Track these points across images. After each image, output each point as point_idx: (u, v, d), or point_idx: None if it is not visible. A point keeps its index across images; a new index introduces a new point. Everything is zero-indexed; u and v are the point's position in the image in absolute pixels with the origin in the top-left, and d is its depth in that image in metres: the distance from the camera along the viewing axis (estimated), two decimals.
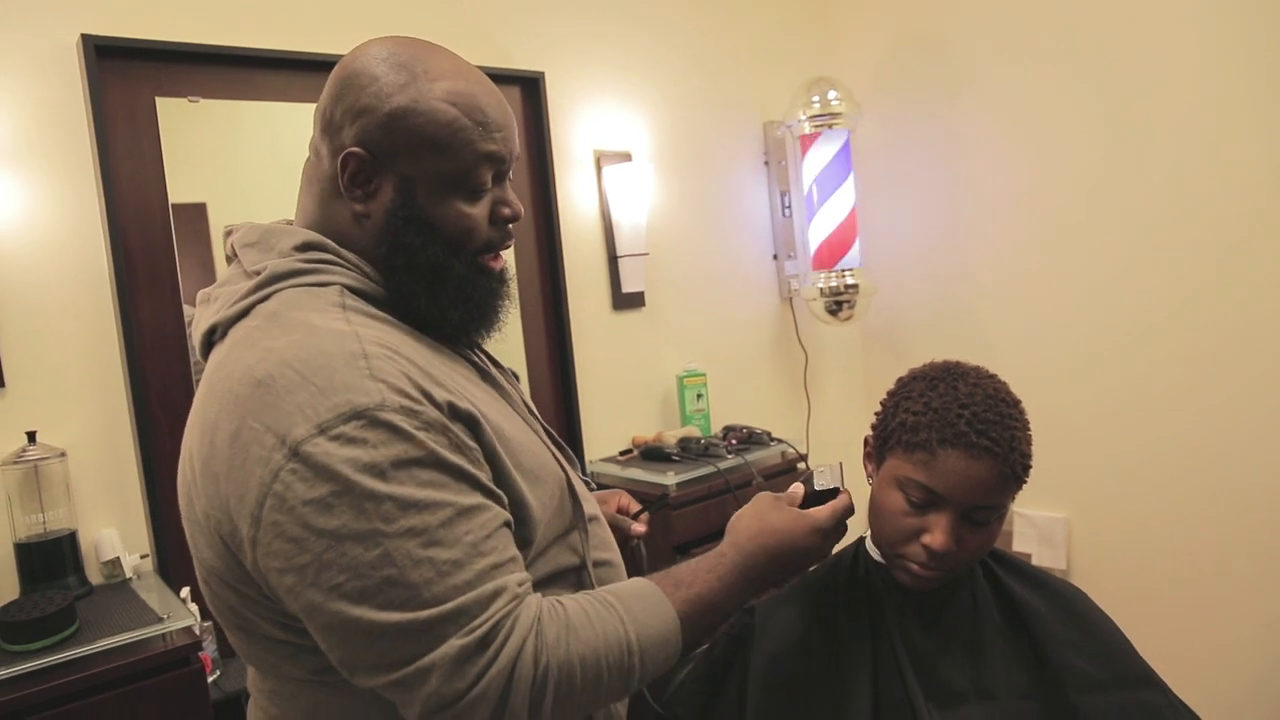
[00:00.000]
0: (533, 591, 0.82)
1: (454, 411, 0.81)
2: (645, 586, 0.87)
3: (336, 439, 0.73)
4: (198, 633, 1.46)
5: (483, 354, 1.01)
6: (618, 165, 2.44)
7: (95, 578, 1.68)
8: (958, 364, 1.00)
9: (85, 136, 1.72)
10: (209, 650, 1.67)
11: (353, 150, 0.86)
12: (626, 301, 2.50)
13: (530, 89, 2.30)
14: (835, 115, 2.62)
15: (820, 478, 0.99)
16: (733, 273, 2.77)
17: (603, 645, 0.80)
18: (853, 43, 2.96)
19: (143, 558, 1.73)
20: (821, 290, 2.67)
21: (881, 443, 1.00)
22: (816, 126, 2.64)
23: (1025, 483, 0.94)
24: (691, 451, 2.27)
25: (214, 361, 0.85)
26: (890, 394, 1.02)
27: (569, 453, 1.02)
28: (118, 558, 1.68)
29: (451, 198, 0.88)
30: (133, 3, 1.77)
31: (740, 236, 2.79)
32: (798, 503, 0.97)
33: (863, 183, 2.80)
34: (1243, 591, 2.23)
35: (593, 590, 0.87)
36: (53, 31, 1.68)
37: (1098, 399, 2.46)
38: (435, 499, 0.76)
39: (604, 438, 2.44)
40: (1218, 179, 2.18)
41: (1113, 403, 2.43)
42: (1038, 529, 2.59)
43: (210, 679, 1.64)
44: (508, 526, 0.83)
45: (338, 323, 0.81)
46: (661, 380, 2.58)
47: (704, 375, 2.55)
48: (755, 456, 2.31)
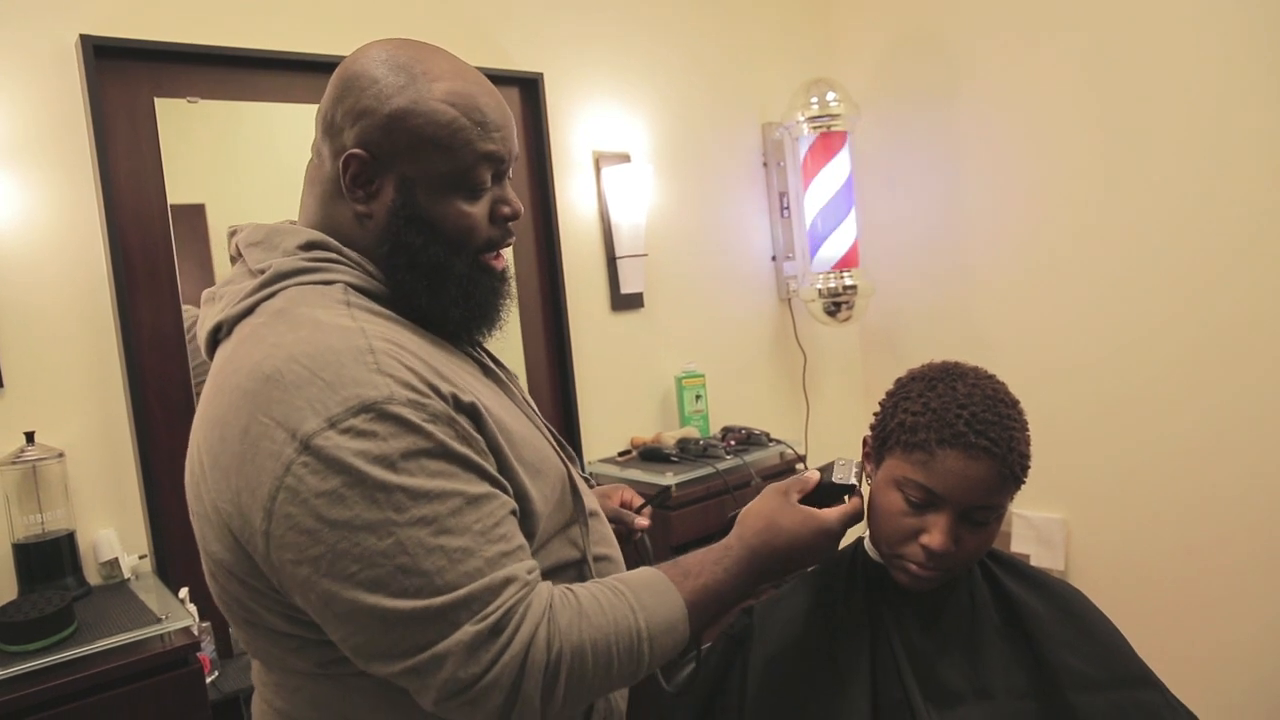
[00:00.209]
0: (542, 579, 0.84)
1: (458, 404, 0.82)
2: (654, 575, 0.89)
3: (346, 432, 0.75)
4: (196, 633, 1.46)
5: (483, 351, 1.02)
6: (616, 166, 2.45)
7: (93, 578, 1.68)
8: (956, 364, 1.00)
9: (84, 137, 1.72)
10: (207, 651, 1.67)
11: (354, 152, 0.87)
12: (625, 302, 2.50)
13: (529, 90, 2.31)
14: (834, 116, 2.62)
15: (840, 470, 1.00)
16: (731, 274, 2.77)
17: (613, 631, 0.82)
18: (851, 44, 2.96)
19: (141, 558, 1.73)
20: (820, 291, 2.67)
21: (880, 443, 1.00)
22: (815, 128, 2.64)
23: (1024, 483, 0.95)
24: (690, 452, 2.27)
25: (221, 358, 0.86)
26: (889, 394, 1.02)
27: (569, 449, 1.03)
28: (116, 558, 1.68)
29: (452, 197, 0.89)
30: (132, 3, 1.77)
31: (739, 237, 2.79)
32: (810, 488, 0.99)
33: (861, 183, 2.80)
34: (1241, 592, 2.23)
35: (603, 579, 0.89)
36: (51, 32, 1.68)
37: (1096, 399, 2.46)
38: (445, 488, 0.77)
39: (603, 439, 2.44)
40: (1218, 179, 2.18)
41: (1111, 403, 2.43)
42: (1036, 530, 2.59)
43: (209, 679, 1.63)
44: (514, 515, 0.84)
45: (343, 319, 0.82)
46: (660, 381, 2.58)
47: (703, 376, 2.55)
48: (754, 457, 2.31)
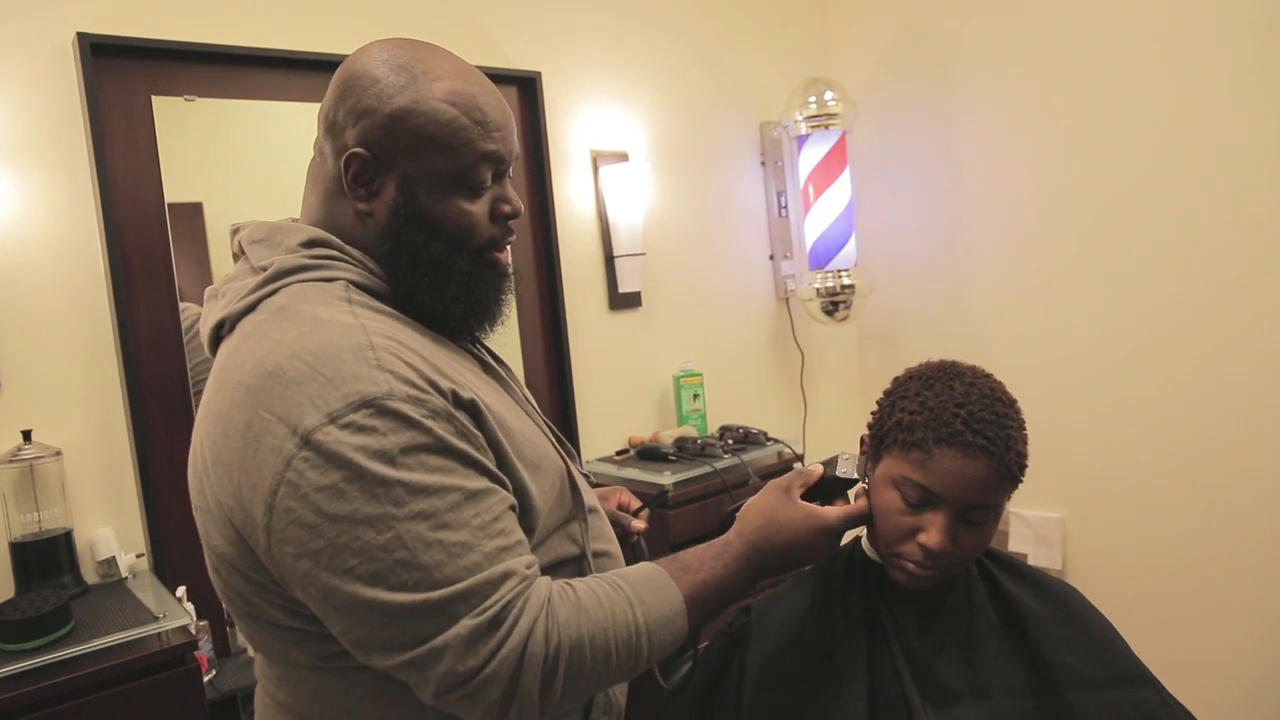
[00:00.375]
0: (541, 574, 0.84)
1: (458, 400, 0.83)
2: (653, 570, 0.90)
3: (347, 427, 0.75)
4: (193, 632, 1.46)
5: (484, 348, 1.03)
6: (614, 165, 2.44)
7: (91, 577, 1.68)
8: (954, 363, 1.00)
9: (81, 135, 1.71)
10: (204, 649, 1.67)
11: (355, 151, 0.88)
12: (623, 301, 2.50)
13: (527, 89, 2.30)
14: (831, 115, 2.63)
15: (843, 465, 1.00)
16: (729, 273, 2.77)
17: (611, 626, 0.82)
18: (849, 43, 2.96)
19: (138, 557, 1.73)
20: (818, 290, 2.67)
21: (877, 442, 1.00)
22: (813, 127, 2.64)
23: (1021, 482, 0.95)
24: (688, 451, 2.27)
25: (223, 355, 0.87)
26: (886, 393, 1.02)
27: (568, 446, 1.04)
28: (113, 557, 1.67)
29: (452, 196, 0.90)
30: (129, 1, 1.76)
31: (737, 237, 2.79)
32: (813, 482, 0.99)
33: (859, 183, 2.81)
34: (1238, 591, 2.24)
35: (601, 574, 0.89)
36: (48, 30, 1.68)
37: (1094, 399, 2.46)
38: (443, 484, 0.78)
39: (600, 438, 2.44)
40: (1219, 177, 2.18)
41: (1109, 403, 2.43)
42: (1033, 529, 2.60)
43: (206, 678, 1.63)
44: (513, 511, 0.85)
45: (344, 316, 0.83)
46: (658, 380, 2.58)
47: (700, 375, 2.55)
48: (752, 456, 2.31)
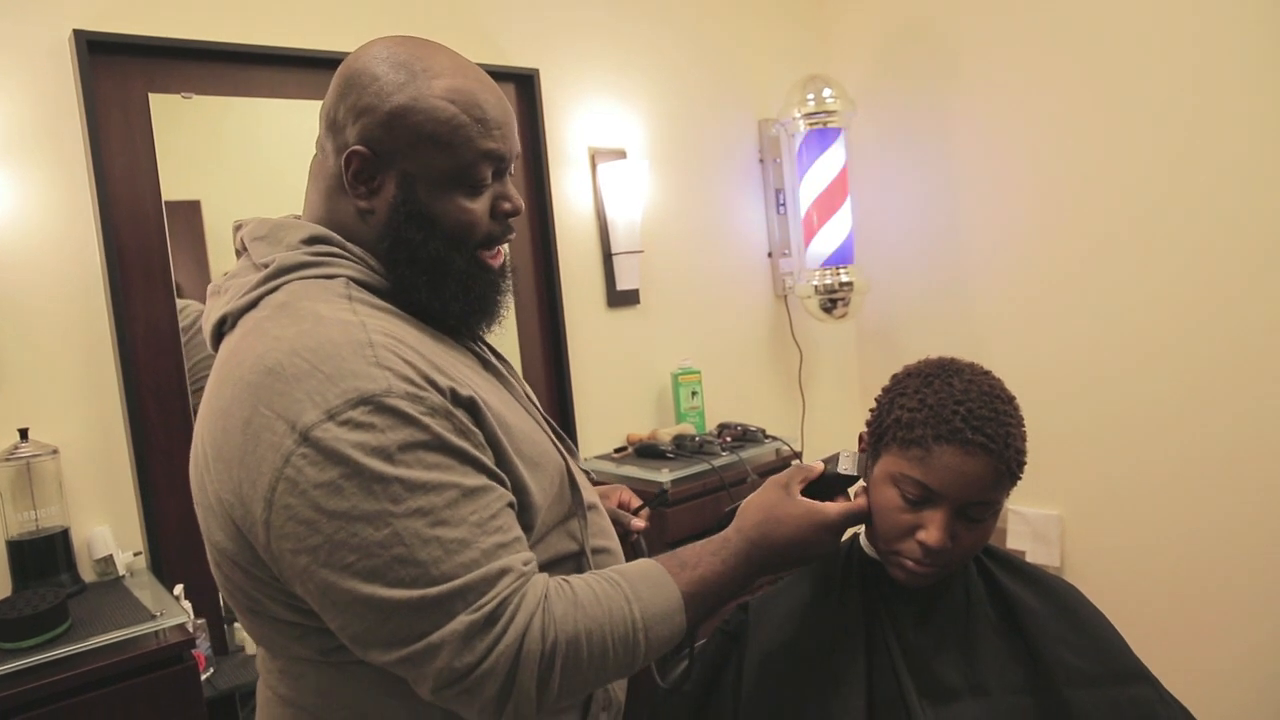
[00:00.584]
0: (539, 571, 0.84)
1: (456, 397, 0.83)
2: (651, 566, 0.90)
3: (345, 424, 0.76)
4: (191, 630, 1.45)
5: (484, 345, 1.03)
6: (612, 163, 2.44)
7: (88, 575, 1.68)
8: (952, 361, 1.00)
9: (78, 132, 1.71)
10: (202, 648, 1.67)
11: (356, 148, 0.88)
12: (621, 299, 2.50)
13: (525, 86, 2.30)
14: (830, 113, 2.62)
15: (844, 461, 1.00)
16: (727, 270, 2.77)
17: (608, 622, 0.82)
18: (847, 40, 2.96)
19: (136, 555, 1.72)
20: (816, 288, 2.67)
21: (876, 439, 1.00)
22: (811, 124, 2.64)
23: (1020, 479, 0.95)
24: (686, 449, 2.27)
25: (225, 351, 0.87)
26: (885, 391, 1.02)
27: (569, 442, 1.04)
28: (111, 555, 1.67)
29: (452, 193, 0.90)
30: None
31: (735, 234, 2.79)
32: (813, 478, 0.99)
33: (857, 180, 2.80)
34: (1237, 588, 2.24)
35: (599, 570, 0.89)
36: (45, 27, 1.68)
37: (1093, 397, 2.46)
38: (441, 480, 0.78)
39: (599, 435, 2.44)
40: (1217, 177, 2.18)
41: (1108, 400, 2.43)
42: (1032, 526, 2.60)
43: (203, 676, 1.63)
44: (511, 508, 0.85)
45: (344, 313, 0.83)
46: (656, 378, 2.58)
47: (699, 373, 2.55)
48: (750, 454, 2.31)
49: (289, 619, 0.85)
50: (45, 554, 1.59)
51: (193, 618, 1.63)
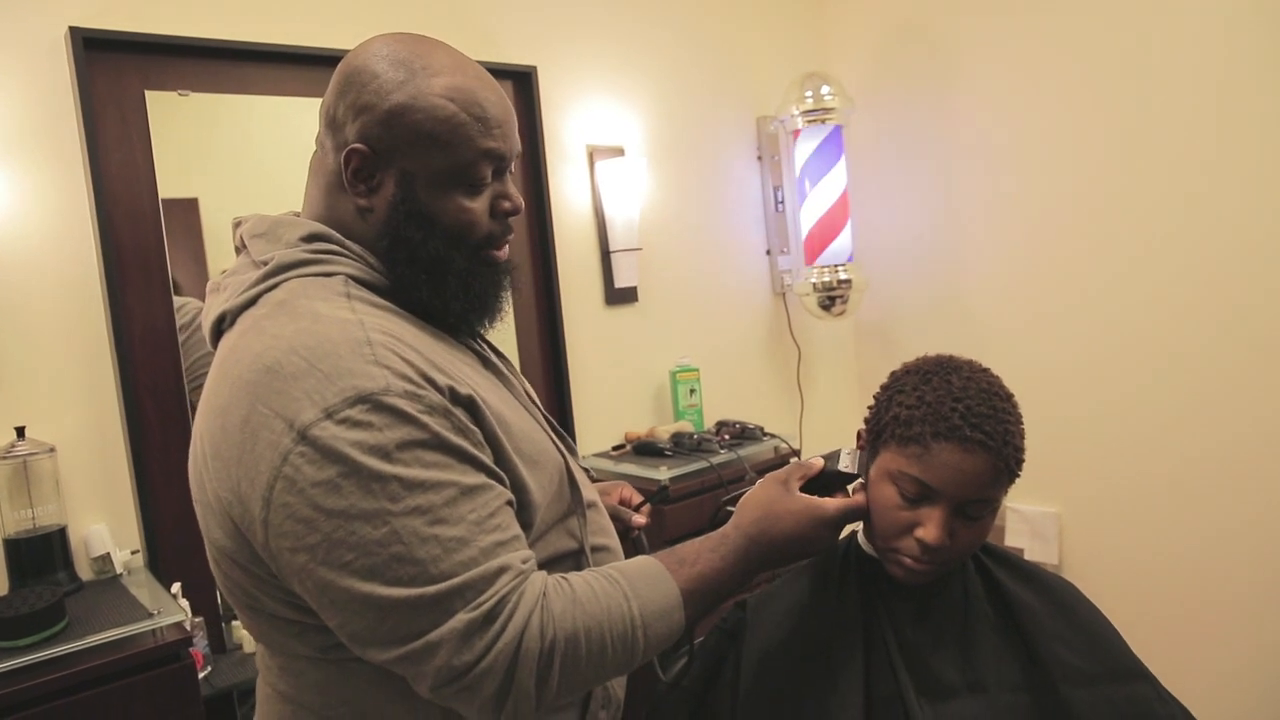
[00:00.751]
0: (537, 569, 0.84)
1: (455, 396, 0.83)
2: (649, 563, 0.89)
3: (343, 423, 0.76)
4: (188, 629, 1.45)
5: (484, 343, 1.03)
6: (610, 160, 2.44)
7: (85, 574, 1.67)
8: (951, 358, 1.00)
9: (74, 130, 1.70)
10: (200, 646, 1.67)
11: (355, 146, 0.88)
12: (619, 297, 2.50)
13: (522, 83, 2.30)
14: (828, 110, 2.62)
15: (844, 458, 1.00)
16: (726, 268, 2.76)
17: (607, 619, 0.82)
18: (846, 36, 2.96)
19: (133, 553, 1.72)
20: (814, 285, 2.67)
21: (875, 437, 1.00)
22: (809, 121, 2.64)
23: (1018, 477, 0.94)
24: (684, 447, 2.27)
25: (224, 348, 0.87)
26: (883, 388, 1.01)
27: (568, 440, 1.04)
28: (108, 553, 1.67)
29: (452, 192, 0.90)
30: None
31: (733, 231, 2.79)
32: (813, 474, 0.99)
33: (855, 177, 2.80)
34: (1235, 586, 2.24)
35: (598, 567, 0.89)
36: (40, 24, 1.67)
37: (1091, 393, 2.46)
38: (440, 479, 0.78)
39: (597, 433, 2.44)
40: (1215, 172, 2.18)
41: (1106, 397, 2.44)
42: (1030, 524, 2.60)
43: (201, 675, 1.63)
44: (510, 506, 0.85)
45: (343, 311, 0.83)
46: (654, 375, 2.58)
47: (697, 370, 2.55)
48: (748, 451, 2.31)
49: (288, 616, 0.85)
50: (42, 552, 1.59)
51: (190, 616, 1.62)
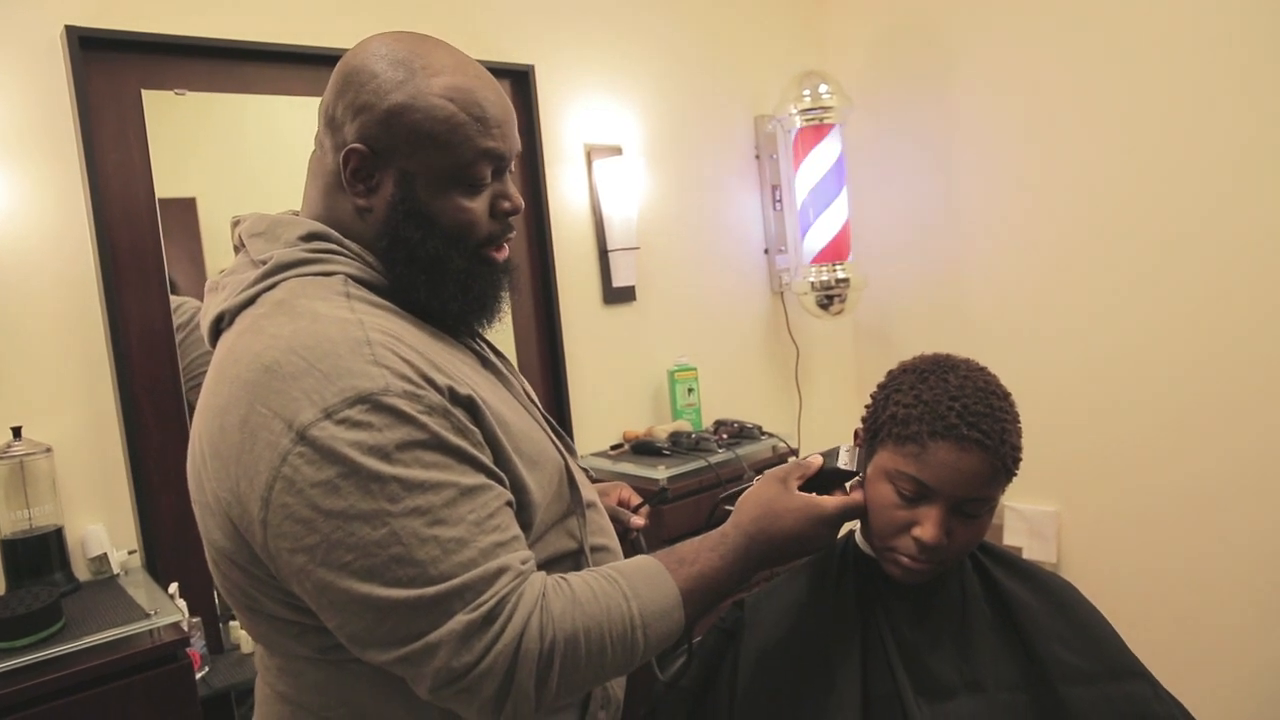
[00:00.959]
0: (537, 569, 0.84)
1: (454, 396, 0.83)
2: (648, 563, 0.89)
3: (342, 423, 0.75)
4: (185, 629, 1.45)
5: (483, 343, 1.03)
6: (608, 159, 2.44)
7: (82, 574, 1.67)
8: (948, 357, 1.00)
9: (70, 129, 1.70)
10: (197, 646, 1.67)
11: (354, 146, 0.87)
12: (617, 296, 2.50)
13: (520, 82, 2.29)
14: (826, 109, 2.62)
15: (843, 456, 1.00)
16: (724, 267, 2.76)
17: (606, 619, 0.82)
18: (843, 35, 2.96)
19: (130, 554, 1.72)
20: (812, 284, 2.67)
21: (872, 436, 1.00)
22: (808, 120, 2.64)
23: (1015, 475, 0.94)
24: (682, 446, 2.27)
25: (222, 348, 0.87)
26: (880, 387, 1.01)
27: (568, 441, 1.04)
28: (105, 554, 1.67)
29: (451, 192, 0.89)
30: None
31: (731, 231, 2.79)
32: (812, 472, 0.99)
33: (854, 176, 2.80)
34: (1232, 584, 2.24)
35: (597, 567, 0.89)
36: (36, 23, 1.67)
37: (1089, 392, 2.46)
38: (439, 479, 0.78)
39: (595, 432, 2.44)
40: (1216, 172, 2.18)
41: (1104, 396, 2.44)
42: (1028, 522, 2.60)
43: (198, 675, 1.63)
44: (510, 506, 0.85)
45: (342, 310, 0.83)
46: (652, 374, 2.58)
47: (695, 369, 2.54)
48: (746, 451, 2.31)
49: (287, 617, 0.85)
50: (39, 553, 1.59)
51: (187, 616, 1.62)
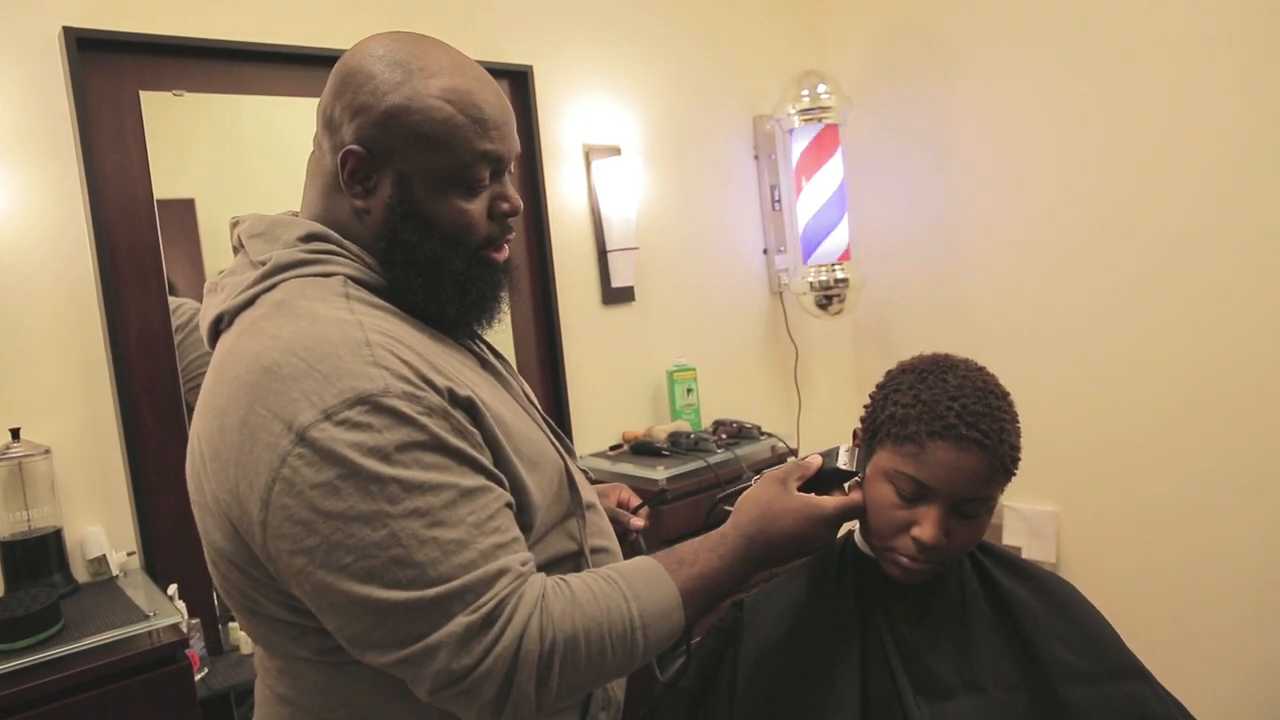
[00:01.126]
0: (537, 571, 0.84)
1: (454, 397, 0.83)
2: (648, 564, 0.89)
3: (342, 424, 0.75)
4: (184, 630, 1.45)
5: (483, 344, 1.03)
6: (607, 159, 2.44)
7: (81, 575, 1.67)
8: (947, 357, 1.00)
9: (68, 131, 1.70)
10: (196, 648, 1.67)
11: (351, 148, 0.87)
12: (616, 296, 2.50)
13: (519, 82, 2.29)
14: (825, 109, 2.62)
15: (843, 456, 1.00)
16: (723, 267, 2.76)
17: (606, 620, 0.82)
18: (842, 35, 2.96)
19: (129, 555, 1.72)
20: (811, 284, 2.67)
21: (870, 435, 0.99)
22: (806, 120, 2.64)
23: (1014, 475, 0.94)
24: (682, 446, 2.27)
25: (222, 349, 0.87)
26: (879, 387, 1.01)
27: (567, 442, 1.04)
28: (104, 555, 1.66)
29: (449, 194, 0.89)
30: None
31: (730, 231, 2.79)
32: (811, 473, 0.99)
33: (852, 176, 2.80)
34: (1232, 584, 2.24)
35: (597, 569, 0.89)
36: (34, 24, 1.67)
37: (1088, 392, 2.46)
38: (439, 481, 0.78)
39: (594, 433, 2.44)
40: (1215, 172, 2.18)
41: (1103, 395, 2.44)
42: (1027, 522, 2.60)
43: (198, 677, 1.63)
44: (509, 508, 0.84)
45: (341, 311, 0.83)
46: (651, 375, 2.57)
47: (694, 370, 2.54)
48: (745, 451, 2.31)
49: (287, 619, 0.85)
50: (38, 554, 1.58)
51: (187, 618, 1.62)
